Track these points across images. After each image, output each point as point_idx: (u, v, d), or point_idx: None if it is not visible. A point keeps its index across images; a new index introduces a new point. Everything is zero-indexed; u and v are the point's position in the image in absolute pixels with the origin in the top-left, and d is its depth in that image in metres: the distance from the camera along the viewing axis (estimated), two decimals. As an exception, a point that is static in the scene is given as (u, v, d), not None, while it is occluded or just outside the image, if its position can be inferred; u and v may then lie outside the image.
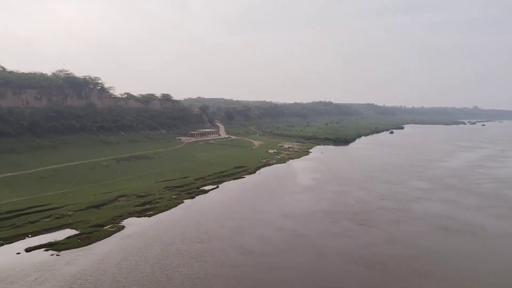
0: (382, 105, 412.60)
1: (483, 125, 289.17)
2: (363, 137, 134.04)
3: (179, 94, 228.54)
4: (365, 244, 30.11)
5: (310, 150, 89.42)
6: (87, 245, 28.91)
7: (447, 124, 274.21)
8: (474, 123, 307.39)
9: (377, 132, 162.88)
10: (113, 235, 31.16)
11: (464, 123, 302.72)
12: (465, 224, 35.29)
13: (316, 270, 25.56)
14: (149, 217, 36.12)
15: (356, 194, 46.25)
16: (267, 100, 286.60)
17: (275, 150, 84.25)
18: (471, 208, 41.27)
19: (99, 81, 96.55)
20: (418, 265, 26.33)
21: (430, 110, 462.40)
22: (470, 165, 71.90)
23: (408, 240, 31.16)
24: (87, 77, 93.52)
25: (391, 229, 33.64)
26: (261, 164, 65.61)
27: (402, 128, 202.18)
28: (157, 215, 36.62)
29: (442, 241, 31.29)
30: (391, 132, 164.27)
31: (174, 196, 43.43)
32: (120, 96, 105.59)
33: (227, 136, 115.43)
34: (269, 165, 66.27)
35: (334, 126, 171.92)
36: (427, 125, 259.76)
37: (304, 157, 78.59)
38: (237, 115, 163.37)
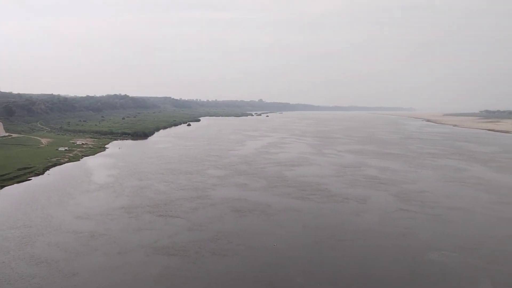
0: (179, 98, 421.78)
1: (267, 116, 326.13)
2: (161, 130, 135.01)
3: None
4: (167, 234, 30.74)
5: (106, 146, 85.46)
6: None
7: (238, 116, 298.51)
8: (260, 115, 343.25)
9: (175, 125, 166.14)
10: None
11: (252, 115, 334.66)
12: (254, 204, 39.42)
13: (118, 267, 24.95)
14: None
15: (157, 187, 46.56)
16: (55, 93, 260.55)
17: (66, 148, 77.60)
18: (259, 189, 46.35)
19: None
20: (215, 246, 28.35)
21: (223, 103, 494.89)
22: (257, 152, 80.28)
23: (207, 225, 33.10)
24: None
25: (191, 217, 35.17)
26: (50, 164, 59.58)
27: (199, 120, 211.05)
28: None
29: (236, 221, 34.33)
30: (189, 125, 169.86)
31: None
32: None
33: (7, 134, 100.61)
34: (60, 164, 60.77)
35: (131, 120, 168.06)
36: (220, 117, 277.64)
37: (100, 153, 74.74)
38: (19, 110, 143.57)
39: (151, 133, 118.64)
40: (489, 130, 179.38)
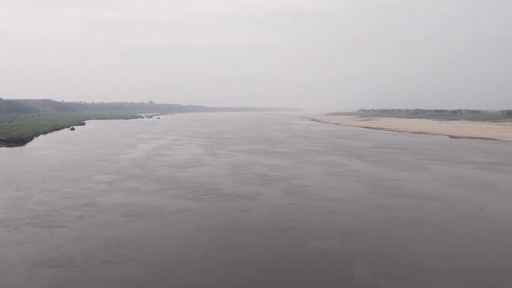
0: (60, 101, 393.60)
1: (158, 118, 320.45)
2: (41, 136, 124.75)
3: None
4: (52, 246, 28.86)
5: (-24, 155, 76.64)
6: None
7: (127, 119, 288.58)
8: (150, 117, 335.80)
9: (57, 129, 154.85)
10: None
11: (142, 117, 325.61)
12: (146, 208, 38.85)
13: (-5, 286, 22.92)
14: None
15: (38, 197, 43.16)
16: None
17: None
18: (151, 193, 45.67)
19: None
20: (106, 254, 27.46)
21: (110, 105, 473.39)
22: (149, 155, 78.65)
23: (96, 233, 31.80)
24: None
25: (78, 226, 33.43)
26: None
27: (84, 124, 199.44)
28: None
29: (128, 227, 33.50)
30: (72, 129, 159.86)
31: None
32: None
33: None
34: None
35: (6, 125, 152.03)
36: (108, 120, 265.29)
37: (-32, 163, 66.82)
38: None
39: (30, 139, 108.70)
40: (365, 127, 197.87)
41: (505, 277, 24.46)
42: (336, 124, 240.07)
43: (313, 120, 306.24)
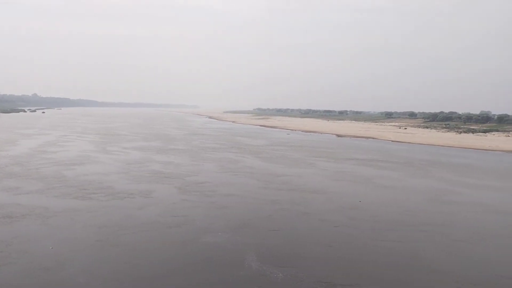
0: None
1: (43, 112, 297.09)
2: None
3: None
4: None
5: None
6: None
7: (7, 112, 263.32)
8: (34, 111, 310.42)
9: None
10: None
11: (24, 111, 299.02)
12: (28, 208, 36.25)
13: None
14: None
15: None
16: None
17: None
18: (34, 192, 42.53)
19: None
20: (-20, 259, 25.24)
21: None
22: (32, 152, 72.76)
23: (-33, 237, 28.94)
24: None
25: None
26: None
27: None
28: None
29: (7, 228, 30.95)
30: None
31: None
32: None
33: None
34: None
35: None
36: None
37: None
38: None
39: None
40: (261, 125, 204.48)
41: (375, 263, 27.56)
42: (233, 122, 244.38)
43: (211, 117, 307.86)
